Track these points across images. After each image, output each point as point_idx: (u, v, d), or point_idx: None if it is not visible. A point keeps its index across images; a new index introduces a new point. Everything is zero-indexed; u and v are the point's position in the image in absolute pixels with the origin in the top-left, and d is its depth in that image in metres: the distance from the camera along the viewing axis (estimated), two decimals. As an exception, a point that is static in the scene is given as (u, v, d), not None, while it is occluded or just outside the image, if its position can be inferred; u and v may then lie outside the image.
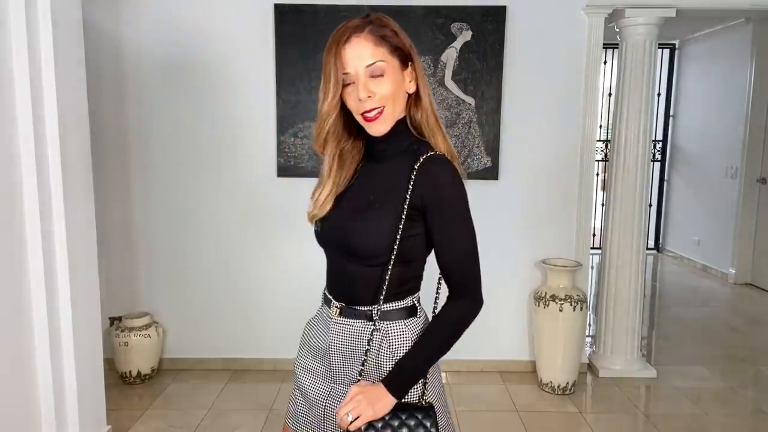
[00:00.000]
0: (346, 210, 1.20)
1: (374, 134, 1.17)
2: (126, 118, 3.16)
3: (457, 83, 3.11)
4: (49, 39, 1.97)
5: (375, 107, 1.13)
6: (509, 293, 3.27)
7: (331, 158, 1.22)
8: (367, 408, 1.11)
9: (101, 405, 2.40)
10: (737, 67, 5.37)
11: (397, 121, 1.18)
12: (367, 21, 1.14)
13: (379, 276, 1.18)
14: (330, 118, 1.16)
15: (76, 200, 2.16)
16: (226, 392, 3.05)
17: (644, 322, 3.82)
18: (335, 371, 1.24)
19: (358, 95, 1.12)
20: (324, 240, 1.24)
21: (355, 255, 1.18)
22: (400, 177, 1.16)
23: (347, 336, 1.22)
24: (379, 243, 1.15)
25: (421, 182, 1.14)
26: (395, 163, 1.19)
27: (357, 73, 1.11)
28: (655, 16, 3.01)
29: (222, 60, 3.11)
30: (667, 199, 6.59)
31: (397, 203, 1.15)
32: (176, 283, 3.28)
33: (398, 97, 1.16)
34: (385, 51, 1.12)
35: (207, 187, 3.21)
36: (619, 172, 3.18)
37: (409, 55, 1.17)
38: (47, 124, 2.00)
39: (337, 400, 1.21)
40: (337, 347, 1.23)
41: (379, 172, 1.21)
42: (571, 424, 2.78)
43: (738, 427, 2.76)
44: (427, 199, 1.14)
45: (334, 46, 1.12)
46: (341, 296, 1.23)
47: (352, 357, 1.21)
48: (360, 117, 1.15)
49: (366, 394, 1.12)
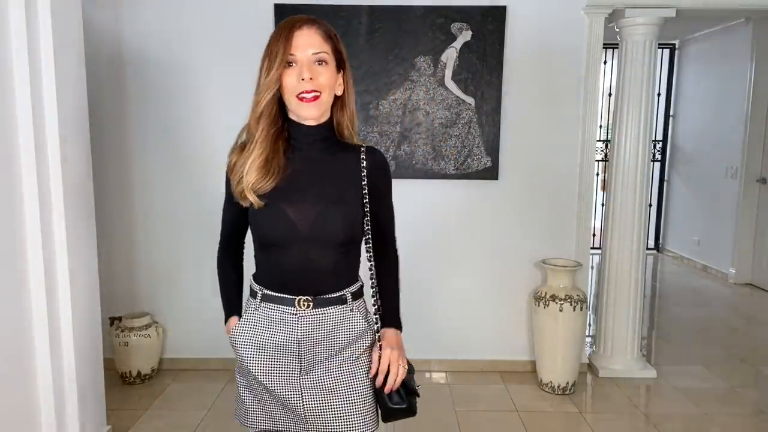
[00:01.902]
0: (312, 200, 1.25)
1: (305, 116, 1.25)
2: (126, 118, 3.17)
3: (457, 83, 3.11)
4: (49, 39, 1.97)
5: (313, 90, 1.21)
6: (509, 293, 3.27)
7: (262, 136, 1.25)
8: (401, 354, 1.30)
9: (101, 405, 2.40)
10: (737, 67, 5.37)
11: (326, 119, 1.29)
12: (316, 20, 1.26)
13: (346, 260, 1.30)
14: (270, 90, 1.22)
15: (76, 200, 2.16)
16: (226, 392, 3.05)
17: (644, 322, 3.82)
18: (306, 362, 1.28)
19: (302, 75, 1.20)
20: (288, 233, 1.24)
21: (330, 244, 1.25)
22: (351, 167, 1.30)
23: (322, 325, 1.27)
24: (357, 228, 1.29)
25: (372, 170, 1.31)
26: (337, 157, 1.30)
27: (303, 57, 1.21)
28: (655, 16, 3.01)
29: (222, 60, 3.11)
30: (667, 199, 6.60)
31: (357, 190, 1.29)
32: (176, 283, 3.28)
33: (331, 90, 1.26)
34: (329, 47, 1.25)
35: (207, 187, 3.20)
36: (619, 172, 3.18)
37: (344, 63, 1.30)
38: (47, 124, 2.00)
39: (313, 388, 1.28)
40: (310, 339, 1.27)
41: (327, 164, 1.29)
42: (571, 424, 2.78)
43: (738, 427, 2.76)
44: (378, 183, 1.32)
45: (285, 29, 1.21)
46: (306, 289, 1.26)
47: (327, 343, 1.28)
48: (294, 98, 1.22)
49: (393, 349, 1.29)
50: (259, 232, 1.28)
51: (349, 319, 1.30)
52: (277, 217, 1.24)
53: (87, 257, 2.26)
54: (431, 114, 3.13)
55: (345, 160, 1.30)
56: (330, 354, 1.29)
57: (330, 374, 1.28)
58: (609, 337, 3.28)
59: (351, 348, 1.30)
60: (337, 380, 1.28)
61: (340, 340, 1.29)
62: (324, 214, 1.24)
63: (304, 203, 1.24)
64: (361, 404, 1.29)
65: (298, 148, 1.29)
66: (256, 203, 1.24)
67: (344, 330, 1.29)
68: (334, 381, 1.28)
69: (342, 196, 1.27)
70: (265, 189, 1.24)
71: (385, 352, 1.29)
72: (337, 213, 1.25)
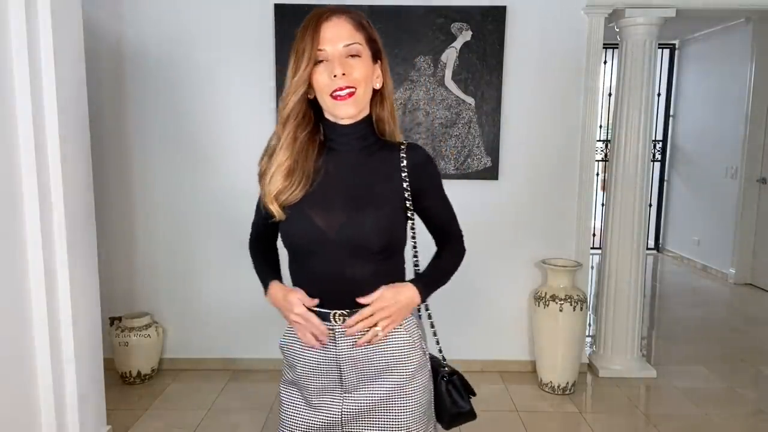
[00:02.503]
0: (341, 205, 1.14)
1: (342, 115, 1.15)
2: (126, 117, 3.17)
3: (457, 83, 3.11)
4: (49, 39, 1.97)
5: (348, 86, 1.11)
6: (509, 293, 3.27)
7: (287, 141, 1.16)
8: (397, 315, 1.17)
9: (101, 405, 2.40)
10: (737, 67, 5.37)
11: (365, 116, 1.19)
12: (347, 9, 1.16)
13: (386, 269, 1.19)
14: (298, 92, 1.13)
15: (76, 200, 2.16)
16: (225, 392, 3.05)
17: (644, 322, 3.82)
18: (348, 381, 1.20)
19: (333, 71, 1.09)
20: (317, 240, 1.14)
21: (363, 251, 1.14)
22: (389, 169, 1.19)
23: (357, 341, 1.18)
24: (396, 234, 1.18)
25: (414, 169, 1.19)
26: (374, 156, 1.20)
27: (333, 52, 1.11)
28: (655, 16, 3.01)
29: (222, 60, 3.11)
30: (667, 199, 6.60)
31: (397, 192, 1.18)
32: (176, 283, 3.28)
33: (368, 84, 1.15)
34: (362, 37, 1.14)
35: (207, 187, 3.21)
36: (619, 172, 3.18)
37: (380, 52, 1.19)
38: (47, 124, 2.00)
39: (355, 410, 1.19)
40: (349, 356, 1.18)
41: (360, 166, 1.19)
42: (571, 424, 2.78)
43: (738, 427, 2.76)
44: (423, 182, 1.21)
45: (312, 23, 1.12)
46: (342, 302, 1.16)
47: (369, 362, 1.19)
48: (328, 97, 1.12)
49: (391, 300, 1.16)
50: (287, 241, 1.19)
51: (392, 335, 1.18)
52: (303, 224, 1.15)
53: (87, 257, 2.25)
54: (431, 114, 3.13)
55: (384, 160, 1.19)
56: (374, 374, 1.18)
57: (374, 397, 1.18)
58: (609, 337, 3.28)
59: (398, 368, 1.18)
60: (383, 404, 1.18)
61: (384, 359, 1.18)
62: (355, 218, 1.13)
63: (334, 208, 1.14)
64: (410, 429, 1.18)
65: (335, 150, 1.19)
66: (278, 215, 1.15)
67: (388, 347, 1.18)
68: (379, 405, 1.18)
69: (377, 199, 1.15)
70: (291, 200, 1.15)
71: (376, 293, 1.15)
72: (369, 217, 1.13)
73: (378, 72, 1.18)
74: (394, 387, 1.18)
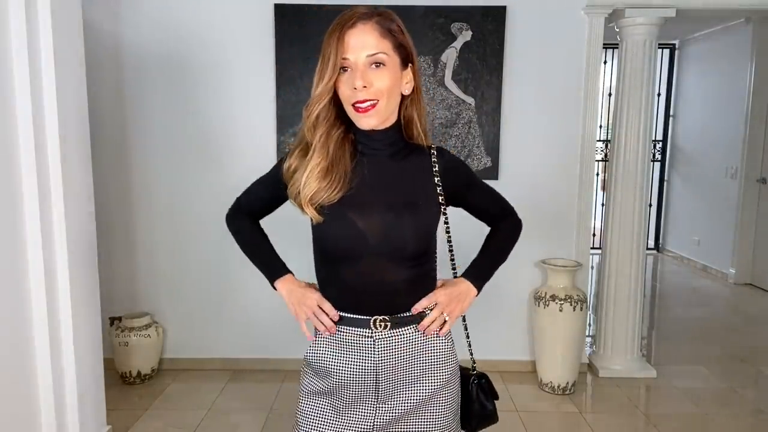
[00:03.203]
0: (382, 210, 1.13)
1: (363, 127, 1.13)
2: (126, 118, 3.17)
3: (457, 83, 3.11)
4: (49, 39, 1.97)
5: (369, 99, 1.08)
6: (509, 293, 3.27)
7: (321, 140, 1.13)
8: (457, 307, 1.23)
9: (101, 405, 2.40)
10: (737, 67, 5.37)
11: (393, 123, 1.17)
12: (375, 12, 1.11)
13: (421, 273, 1.20)
14: (322, 101, 1.11)
15: (76, 200, 2.16)
16: (226, 392, 3.05)
17: (644, 322, 3.81)
18: (384, 390, 1.17)
19: (354, 83, 1.07)
20: (359, 246, 1.12)
21: (404, 256, 1.14)
22: (422, 173, 1.20)
23: (401, 347, 1.17)
24: (427, 238, 1.18)
25: (446, 171, 1.21)
26: (406, 161, 1.19)
27: (357, 61, 1.08)
28: (655, 16, 3.01)
29: (222, 60, 3.11)
30: (667, 199, 6.60)
31: (432, 198, 1.19)
32: (176, 283, 3.28)
33: (393, 94, 1.12)
34: (389, 45, 1.10)
35: (207, 187, 3.21)
36: (619, 172, 3.18)
37: (411, 56, 1.15)
38: (47, 124, 2.00)
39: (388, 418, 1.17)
40: (389, 363, 1.16)
41: (394, 171, 1.17)
42: (571, 424, 2.78)
43: (738, 427, 2.76)
44: (457, 183, 1.24)
45: (338, 29, 1.08)
46: (381, 308, 1.15)
47: (407, 368, 1.18)
48: (351, 107, 1.11)
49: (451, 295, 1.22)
50: (326, 245, 1.16)
51: (431, 342, 1.19)
52: (346, 229, 1.12)
53: (87, 257, 2.25)
54: (431, 114, 3.13)
55: (416, 165, 1.19)
56: (410, 380, 1.18)
57: (408, 403, 1.17)
58: (609, 337, 3.28)
59: (433, 374, 1.19)
60: (417, 411, 1.18)
61: (421, 364, 1.18)
62: (394, 223, 1.12)
63: (373, 213, 1.12)
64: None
65: (367, 154, 1.17)
66: (315, 219, 1.12)
67: (425, 352, 1.18)
68: (414, 411, 1.17)
69: (414, 204, 1.15)
70: (328, 201, 1.12)
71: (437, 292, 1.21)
72: (408, 222, 1.13)
73: (408, 77, 1.15)
74: (429, 393, 1.18)
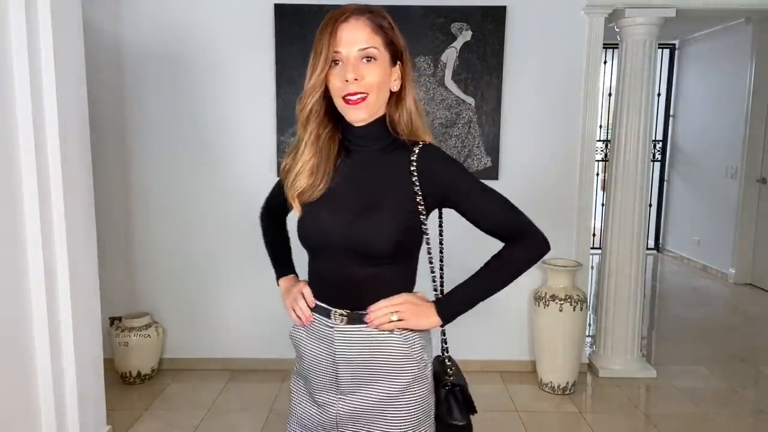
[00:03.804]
0: (349, 207, 1.15)
1: (352, 120, 1.14)
2: (126, 117, 3.17)
3: (457, 83, 3.11)
4: (49, 39, 1.97)
5: (359, 92, 1.10)
6: (509, 293, 3.21)
7: (311, 138, 1.17)
8: (412, 317, 1.15)
9: (101, 405, 2.40)
10: (737, 67, 5.37)
11: (378, 117, 1.17)
12: (367, 8, 1.13)
13: (392, 275, 1.17)
14: (315, 94, 1.13)
15: (76, 200, 2.16)
16: (226, 392, 3.05)
17: (644, 322, 3.81)
18: (342, 383, 1.19)
19: (345, 76, 1.09)
20: (323, 240, 1.16)
21: (365, 255, 1.13)
22: (398, 172, 1.15)
23: (357, 344, 1.17)
24: (391, 240, 1.13)
25: (424, 173, 1.14)
26: (387, 158, 1.17)
27: (349, 54, 1.10)
28: (655, 16, 3.01)
29: (222, 60, 3.11)
30: (667, 199, 6.59)
31: (406, 196, 1.15)
32: (176, 283, 3.28)
33: (383, 89, 1.14)
34: (380, 41, 1.12)
35: (207, 187, 3.21)
36: (619, 172, 3.18)
37: (400, 54, 1.16)
38: (47, 124, 2.00)
39: (347, 413, 1.18)
40: (344, 358, 1.18)
41: (372, 168, 1.18)
42: (571, 424, 2.78)
43: (738, 427, 2.76)
44: (438, 188, 1.15)
45: (330, 23, 1.10)
46: (343, 302, 1.17)
47: (363, 367, 1.17)
48: (341, 100, 1.12)
49: (415, 306, 1.16)
50: (300, 238, 1.21)
51: (388, 343, 1.16)
52: (313, 223, 1.17)
53: (87, 257, 2.26)
54: (431, 114, 3.13)
55: (395, 163, 1.16)
56: (368, 379, 1.17)
57: (367, 402, 1.17)
58: (609, 337, 3.28)
59: (392, 377, 1.16)
60: (376, 411, 1.16)
61: (378, 365, 1.16)
62: (359, 221, 1.12)
63: (342, 210, 1.14)
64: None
65: (352, 150, 1.19)
66: (298, 212, 1.19)
67: (382, 355, 1.16)
68: (372, 412, 1.16)
69: (382, 203, 1.14)
70: (311, 199, 1.17)
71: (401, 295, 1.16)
72: (373, 221, 1.12)
73: (397, 74, 1.16)
74: (388, 395, 1.16)
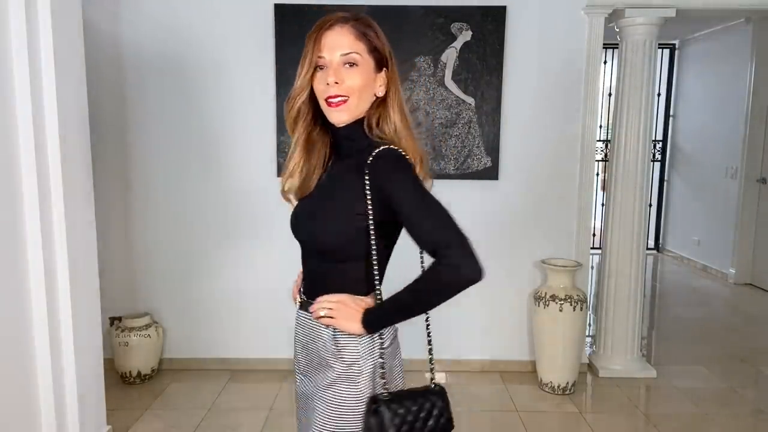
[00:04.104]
0: (313, 205, 1.24)
1: (334, 121, 1.19)
2: (126, 118, 3.17)
3: (457, 83, 3.11)
4: (49, 39, 1.97)
5: (340, 95, 1.15)
6: (509, 293, 3.27)
7: (300, 140, 1.24)
8: (340, 317, 1.17)
9: (101, 405, 2.40)
10: (737, 67, 5.37)
11: (357, 119, 1.20)
12: (353, 16, 1.18)
13: (341, 273, 1.21)
14: (301, 96, 1.19)
15: (76, 200, 2.16)
16: (225, 392, 3.05)
17: (644, 322, 3.81)
18: (302, 365, 1.30)
19: (327, 79, 1.14)
20: (296, 236, 1.28)
21: (318, 251, 1.22)
22: (354, 174, 1.17)
23: (303, 329, 1.28)
24: (336, 239, 1.17)
25: (374, 178, 1.14)
26: (353, 160, 1.19)
27: (332, 59, 1.15)
28: (655, 16, 3.01)
29: (222, 60, 3.11)
30: (667, 199, 6.60)
31: (356, 200, 1.15)
32: (176, 283, 3.28)
33: (365, 93, 1.18)
34: (363, 47, 1.17)
35: (207, 187, 3.21)
36: (619, 172, 3.18)
37: (385, 60, 1.21)
38: (47, 124, 2.00)
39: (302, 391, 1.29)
40: (299, 340, 1.30)
41: (340, 169, 1.24)
42: (571, 424, 2.78)
43: (738, 427, 2.76)
44: (385, 191, 1.13)
45: (316, 30, 1.16)
46: (306, 291, 1.28)
47: (307, 350, 1.27)
48: (324, 102, 1.18)
49: (347, 308, 1.17)
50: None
51: (318, 335, 1.22)
52: (293, 220, 1.28)
53: (87, 257, 2.26)
54: (431, 114, 3.13)
55: (356, 165, 1.17)
56: (313, 367, 1.25)
57: (309, 389, 1.26)
58: (609, 337, 3.28)
59: (322, 369, 1.22)
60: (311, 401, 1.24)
61: (316, 356, 1.23)
62: (308, 220, 1.22)
63: (308, 208, 1.24)
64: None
65: (341, 153, 1.25)
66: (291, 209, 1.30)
67: (315, 345, 1.24)
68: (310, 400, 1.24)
69: (335, 203, 1.18)
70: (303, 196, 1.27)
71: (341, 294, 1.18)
72: (319, 220, 1.20)
73: (382, 80, 1.21)
74: (316, 387, 1.23)
